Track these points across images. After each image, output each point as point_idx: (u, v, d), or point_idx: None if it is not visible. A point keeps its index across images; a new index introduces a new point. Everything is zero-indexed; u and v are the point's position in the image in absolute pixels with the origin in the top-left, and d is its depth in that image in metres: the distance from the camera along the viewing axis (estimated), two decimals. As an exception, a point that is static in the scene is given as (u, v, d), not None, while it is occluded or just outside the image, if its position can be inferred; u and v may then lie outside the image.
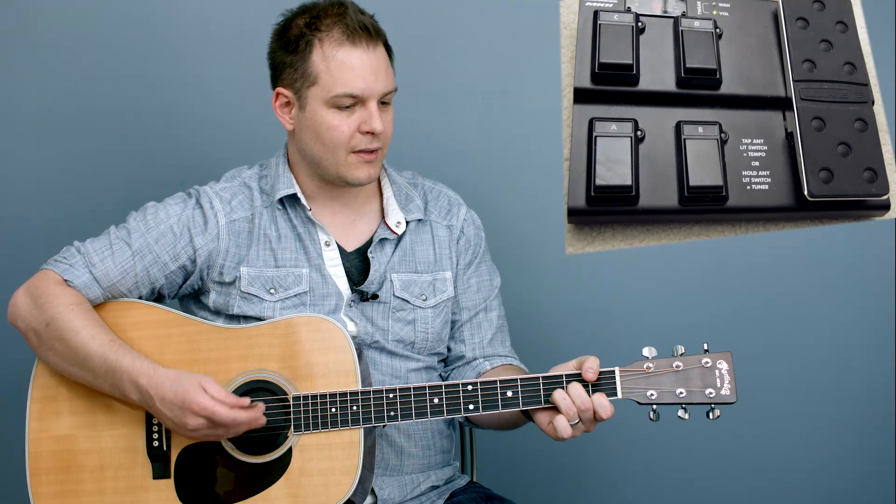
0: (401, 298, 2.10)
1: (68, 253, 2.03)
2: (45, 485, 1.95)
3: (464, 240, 2.20)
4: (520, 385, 1.89)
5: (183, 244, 2.05)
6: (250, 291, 2.05)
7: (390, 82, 2.04)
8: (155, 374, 1.88)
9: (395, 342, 2.09)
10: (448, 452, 2.19)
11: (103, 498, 1.94)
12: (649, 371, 1.87)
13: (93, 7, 2.71)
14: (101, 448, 1.95)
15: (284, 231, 2.09)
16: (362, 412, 1.91)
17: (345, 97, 1.99)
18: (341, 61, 1.99)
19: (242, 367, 1.96)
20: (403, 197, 2.16)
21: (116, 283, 2.01)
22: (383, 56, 2.03)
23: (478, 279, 2.20)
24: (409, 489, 2.09)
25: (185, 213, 2.07)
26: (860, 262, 2.85)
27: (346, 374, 1.93)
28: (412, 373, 2.11)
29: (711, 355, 1.87)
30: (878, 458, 2.87)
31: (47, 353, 1.96)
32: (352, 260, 2.11)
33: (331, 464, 1.91)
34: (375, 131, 2.00)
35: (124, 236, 2.04)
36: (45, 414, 1.97)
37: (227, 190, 2.11)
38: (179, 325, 1.99)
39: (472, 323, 2.19)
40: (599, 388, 1.87)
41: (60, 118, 2.70)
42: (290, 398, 1.93)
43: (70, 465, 1.95)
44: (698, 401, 1.85)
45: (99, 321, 1.96)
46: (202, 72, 2.74)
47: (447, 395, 1.91)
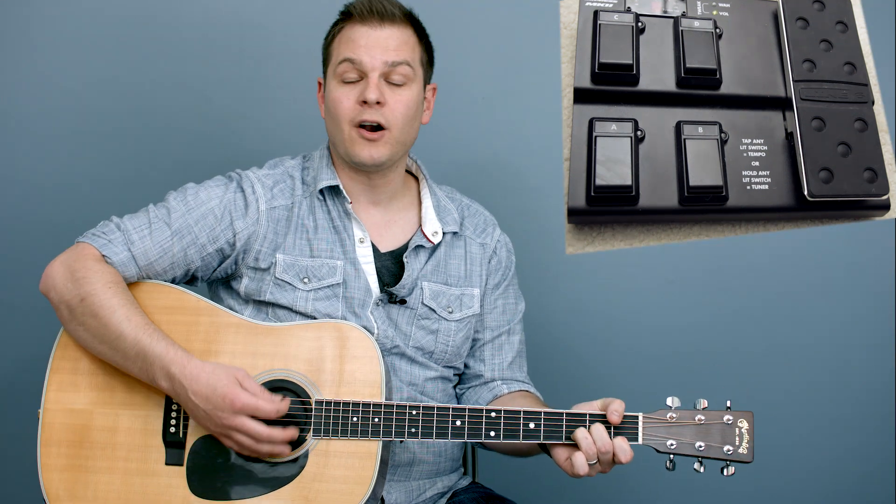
0: (428, 307, 2.10)
1: (107, 228, 2.01)
2: (54, 457, 1.93)
3: (496, 260, 2.20)
4: (543, 419, 1.89)
5: (223, 227, 2.04)
6: (284, 279, 2.04)
7: (399, 55, 2.05)
8: (189, 363, 1.87)
9: (414, 349, 2.09)
10: (457, 460, 2.19)
11: (112, 477, 1.92)
12: (672, 421, 1.88)
13: (93, 7, 2.71)
14: (117, 427, 1.94)
15: (322, 222, 2.09)
16: (383, 425, 1.90)
17: (344, 62, 2.04)
18: (346, 37, 2.07)
19: (268, 365, 1.95)
20: (441, 208, 2.17)
21: (154, 262, 2.00)
22: (397, 36, 2.07)
23: (504, 301, 2.21)
24: (415, 495, 2.09)
25: (227, 196, 2.06)
26: (860, 262, 2.85)
27: (371, 384, 1.93)
28: (428, 381, 2.11)
29: (734, 413, 1.88)
30: (878, 458, 2.87)
31: (77, 329, 1.94)
32: (384, 261, 2.11)
33: (345, 472, 1.89)
34: (368, 100, 2.02)
35: (164, 216, 2.03)
36: (64, 385, 1.96)
37: (269, 177, 2.11)
38: (209, 315, 1.98)
39: (495, 344, 2.19)
40: (621, 431, 1.88)
41: (60, 118, 2.70)
42: (313, 402, 1.92)
43: (83, 440, 1.94)
44: (716, 456, 1.87)
45: (135, 303, 1.94)
46: (202, 72, 2.74)
47: (470, 420, 1.90)
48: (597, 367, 2.85)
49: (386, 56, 2.04)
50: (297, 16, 2.74)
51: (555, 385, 2.59)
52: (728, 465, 1.88)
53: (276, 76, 2.75)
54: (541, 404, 2.12)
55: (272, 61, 2.76)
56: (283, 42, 2.75)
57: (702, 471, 1.88)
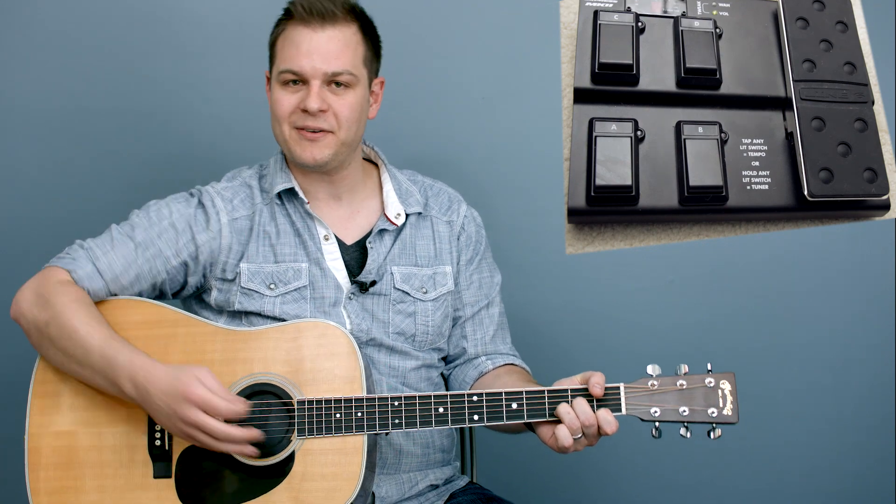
0: (401, 290, 2.11)
1: (71, 249, 2.04)
2: (43, 481, 1.94)
3: (465, 236, 2.21)
4: (525, 398, 1.90)
5: (185, 240, 2.06)
6: (250, 287, 2.06)
7: (340, 64, 2.04)
8: (154, 368, 1.87)
9: (395, 335, 2.10)
10: (448, 452, 2.19)
11: (103, 496, 1.93)
12: (653, 388, 1.88)
13: (93, 7, 2.71)
14: (102, 445, 1.94)
15: (283, 227, 2.10)
16: (367, 419, 1.91)
17: (286, 72, 2.04)
18: (289, 39, 2.05)
19: (247, 370, 1.95)
20: (403, 191, 2.17)
21: (119, 275, 2.01)
22: (339, 38, 2.05)
23: (479, 276, 2.21)
24: (406, 487, 2.09)
25: (188, 211, 2.08)
26: (860, 262, 2.85)
27: (351, 379, 1.93)
28: (411, 371, 2.12)
29: (715, 375, 1.89)
30: (878, 458, 2.87)
31: (48, 350, 1.96)
32: (351, 253, 2.12)
33: (333, 469, 1.90)
34: (309, 108, 2.02)
35: (127, 231, 2.06)
36: (47, 409, 1.97)
37: (228, 189, 2.13)
38: (186, 326, 1.99)
39: (475, 319, 2.20)
40: (604, 403, 1.88)
41: (60, 118, 2.70)
42: (295, 402, 1.92)
43: (70, 461, 1.94)
44: (701, 419, 1.87)
45: (99, 318, 1.95)
46: (202, 72, 2.74)
47: (452, 406, 1.91)
48: (596, 367, 2.82)
49: (327, 66, 2.02)
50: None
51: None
52: (714, 427, 1.88)
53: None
54: (526, 377, 2.13)
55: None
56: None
57: (688, 436, 1.88)
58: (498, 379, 2.13)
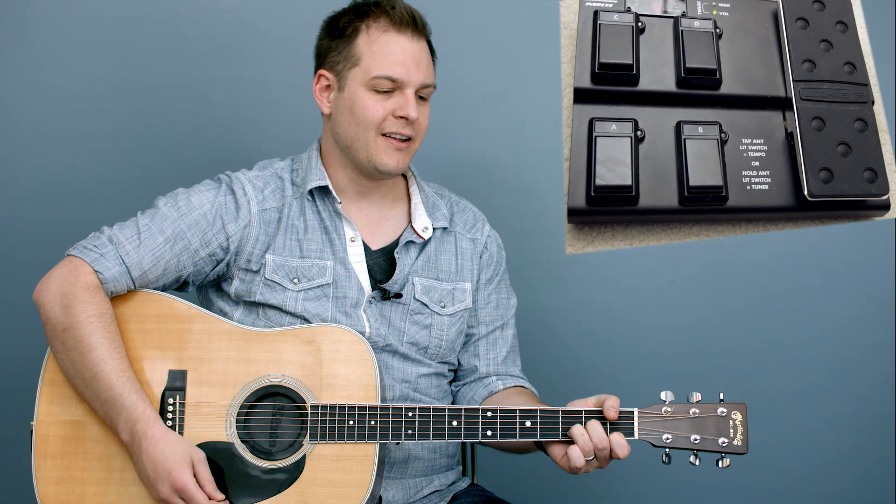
0: (420, 302, 2.10)
1: (98, 241, 1.99)
2: (50, 469, 1.93)
3: (487, 255, 2.21)
4: (539, 417, 1.90)
5: (215, 231, 2.04)
6: (274, 279, 2.04)
7: (430, 76, 2.07)
8: (155, 425, 1.87)
9: (408, 344, 2.09)
10: (453, 457, 2.19)
11: (108, 488, 1.92)
12: (667, 415, 1.89)
13: (93, 7, 2.71)
14: (110, 438, 1.93)
15: (312, 223, 2.09)
16: (380, 427, 1.90)
17: (384, 79, 2.02)
18: (385, 45, 2.03)
19: (262, 371, 1.94)
20: (430, 205, 2.17)
21: (147, 271, 1.99)
22: (426, 50, 2.08)
23: (497, 296, 2.22)
24: (412, 492, 2.09)
25: (218, 200, 2.06)
26: (860, 262, 2.85)
27: (366, 387, 1.93)
28: (422, 378, 2.11)
29: (727, 405, 1.90)
30: (878, 458, 2.87)
31: (59, 352, 1.93)
32: (375, 258, 2.11)
33: (343, 476, 1.90)
34: (410, 117, 2.03)
35: (156, 223, 2.02)
36: (56, 398, 1.95)
37: (259, 178, 2.10)
38: (202, 322, 1.97)
39: (489, 339, 2.20)
40: (617, 427, 1.88)
41: (60, 118, 2.70)
42: (308, 406, 1.92)
43: (77, 451, 1.93)
44: (711, 448, 1.89)
45: (117, 341, 1.93)
46: (202, 72, 2.74)
47: (466, 420, 1.91)
48: (597, 367, 2.85)
49: (423, 77, 2.05)
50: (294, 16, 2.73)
51: (555, 384, 2.60)
52: (723, 457, 1.89)
53: (273, 75, 2.75)
54: (535, 400, 2.13)
55: (270, 61, 2.75)
56: (280, 41, 2.75)
57: (697, 463, 1.89)
58: (507, 399, 2.13)
